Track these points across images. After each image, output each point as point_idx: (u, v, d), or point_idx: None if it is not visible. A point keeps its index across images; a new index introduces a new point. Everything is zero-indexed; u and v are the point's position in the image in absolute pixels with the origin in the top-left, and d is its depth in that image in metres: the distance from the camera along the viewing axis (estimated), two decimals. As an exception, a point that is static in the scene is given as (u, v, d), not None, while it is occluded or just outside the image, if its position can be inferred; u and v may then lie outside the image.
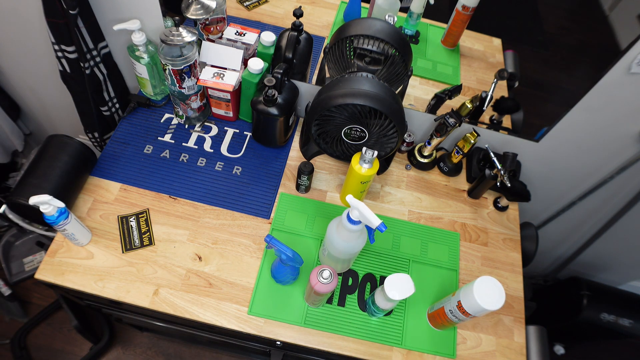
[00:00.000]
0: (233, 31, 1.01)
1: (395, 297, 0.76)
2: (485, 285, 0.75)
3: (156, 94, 1.10)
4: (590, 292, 1.39)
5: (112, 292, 0.87)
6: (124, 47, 1.10)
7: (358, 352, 0.87)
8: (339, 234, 0.79)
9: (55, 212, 0.79)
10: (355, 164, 0.90)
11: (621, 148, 1.05)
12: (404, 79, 0.94)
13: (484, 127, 1.10)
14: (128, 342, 1.59)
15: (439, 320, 0.87)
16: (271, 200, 1.03)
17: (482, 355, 0.90)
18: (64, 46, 0.95)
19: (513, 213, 1.11)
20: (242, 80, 1.00)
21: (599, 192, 1.18)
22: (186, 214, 0.98)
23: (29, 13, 1.03)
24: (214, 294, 0.89)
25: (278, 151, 1.11)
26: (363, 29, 0.87)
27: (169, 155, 1.06)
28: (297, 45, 0.96)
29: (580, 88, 0.93)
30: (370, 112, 0.86)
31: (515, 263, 1.03)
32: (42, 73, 1.24)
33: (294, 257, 0.80)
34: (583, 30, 0.88)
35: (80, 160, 0.96)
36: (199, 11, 0.92)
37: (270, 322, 0.88)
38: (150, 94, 1.10)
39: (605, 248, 1.41)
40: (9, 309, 1.56)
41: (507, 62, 0.97)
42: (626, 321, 1.37)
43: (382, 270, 0.97)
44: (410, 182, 1.11)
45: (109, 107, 1.14)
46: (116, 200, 0.98)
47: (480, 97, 1.00)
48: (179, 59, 0.91)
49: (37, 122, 1.52)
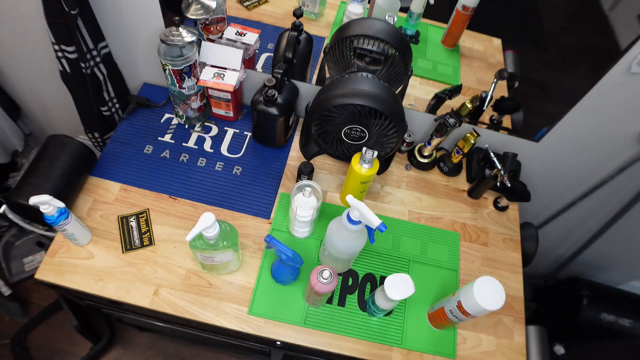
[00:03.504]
0: (233, 31, 1.01)
1: (395, 297, 0.76)
2: (485, 285, 0.75)
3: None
4: (590, 292, 1.39)
5: (112, 292, 0.87)
6: (124, 47, 1.10)
7: (358, 352, 0.87)
8: (339, 234, 0.79)
9: (55, 212, 0.79)
10: (355, 164, 0.90)
11: (621, 148, 1.05)
12: (404, 79, 0.94)
13: (484, 127, 1.10)
14: (128, 342, 1.59)
15: (439, 320, 0.87)
16: (271, 201, 1.03)
17: (482, 356, 0.90)
18: (64, 46, 0.95)
19: (513, 213, 1.11)
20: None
21: (599, 192, 1.18)
22: (186, 214, 0.98)
23: (29, 13, 1.03)
24: (214, 294, 0.89)
25: (278, 151, 1.11)
26: (363, 29, 0.87)
27: (169, 155, 1.06)
28: (297, 45, 0.96)
29: (580, 88, 0.93)
30: (370, 112, 0.86)
31: (515, 263, 1.03)
32: (42, 73, 1.24)
33: (294, 257, 0.80)
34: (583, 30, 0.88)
35: (80, 160, 0.96)
36: (199, 11, 0.92)
37: (270, 322, 0.88)
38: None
39: (605, 248, 1.41)
40: (9, 309, 1.56)
41: (507, 62, 0.97)
42: (626, 321, 1.37)
43: (382, 270, 0.97)
44: (410, 182, 1.11)
45: (109, 107, 1.14)
46: (116, 200, 0.98)
47: (480, 97, 1.00)
48: (179, 59, 0.91)
49: (37, 122, 1.52)
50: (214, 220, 0.72)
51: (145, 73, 1.18)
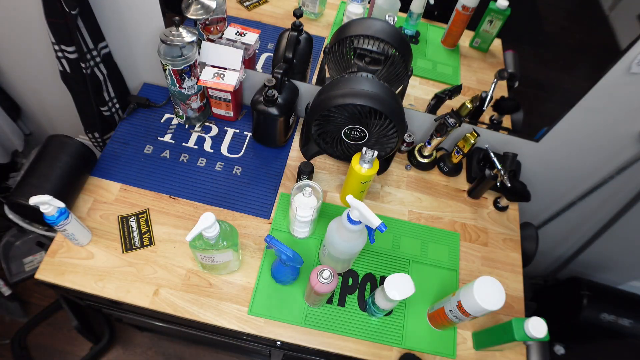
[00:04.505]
0: (233, 31, 1.01)
1: (395, 297, 0.76)
2: (485, 285, 0.75)
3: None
4: (590, 292, 1.39)
5: (112, 292, 0.87)
6: (124, 47, 1.10)
7: (358, 352, 0.87)
8: (339, 234, 0.79)
9: (56, 212, 0.79)
10: (355, 164, 0.90)
11: (621, 148, 1.05)
12: (404, 79, 0.94)
13: (484, 127, 1.10)
14: (128, 342, 1.59)
15: (439, 320, 0.87)
16: (271, 201, 1.03)
17: (482, 356, 0.90)
18: (64, 46, 0.95)
19: (513, 213, 1.11)
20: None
21: (599, 192, 1.18)
22: (186, 214, 0.98)
23: (29, 13, 1.03)
24: (214, 294, 0.89)
25: (278, 151, 1.11)
26: (363, 29, 0.87)
27: (169, 155, 1.06)
28: (297, 45, 0.96)
29: (580, 88, 0.93)
30: (370, 112, 0.86)
31: (515, 263, 1.03)
32: (42, 73, 1.24)
33: (294, 257, 0.80)
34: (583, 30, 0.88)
35: (81, 160, 0.96)
36: (199, 11, 0.92)
37: (271, 322, 0.88)
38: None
39: (605, 248, 1.41)
40: (9, 309, 1.56)
41: (507, 62, 0.97)
42: (626, 321, 1.37)
43: (382, 270, 0.97)
44: (410, 182, 1.11)
45: (109, 107, 1.14)
46: (116, 200, 0.98)
47: (480, 97, 1.00)
48: (179, 59, 0.91)
49: (37, 122, 1.52)
50: (214, 220, 0.72)
51: (145, 73, 1.18)
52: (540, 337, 0.75)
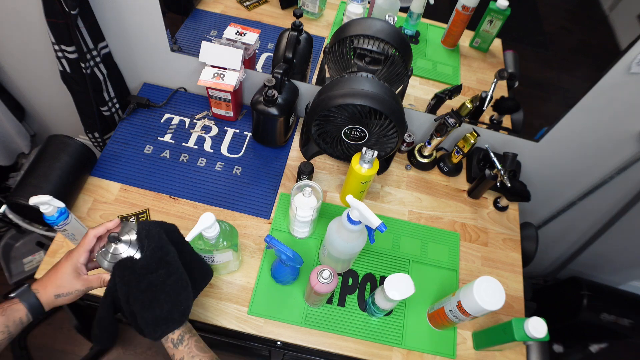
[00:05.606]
0: (233, 31, 1.01)
1: (395, 297, 0.76)
2: (485, 285, 0.75)
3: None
4: (590, 292, 1.39)
5: (112, 292, 0.87)
6: (124, 47, 1.10)
7: (358, 352, 0.87)
8: (339, 234, 0.79)
9: (55, 212, 0.78)
10: (355, 164, 0.90)
11: (621, 148, 1.05)
12: (404, 79, 0.94)
13: (484, 127, 1.10)
14: (128, 342, 1.59)
15: (439, 320, 0.87)
16: (271, 201, 1.03)
17: (482, 356, 0.90)
18: (64, 46, 0.95)
19: (513, 213, 1.11)
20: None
21: (599, 192, 1.18)
22: (186, 214, 0.98)
23: (29, 13, 1.03)
24: (214, 294, 0.89)
25: (278, 151, 1.11)
26: (363, 29, 0.87)
27: (169, 155, 1.06)
28: (297, 45, 0.96)
29: (580, 88, 0.93)
30: (370, 112, 0.86)
31: (515, 263, 1.03)
32: (43, 73, 1.24)
33: (294, 257, 0.80)
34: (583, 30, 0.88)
35: (80, 160, 0.96)
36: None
37: (270, 322, 0.88)
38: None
39: (605, 248, 1.41)
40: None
41: (507, 62, 0.97)
42: (626, 321, 1.37)
43: (382, 270, 0.97)
44: (410, 182, 1.11)
45: (109, 107, 1.14)
46: (116, 200, 0.98)
47: (480, 97, 1.00)
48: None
49: (38, 122, 1.52)
50: (214, 221, 0.72)
51: (145, 73, 1.18)
52: (540, 337, 0.75)
